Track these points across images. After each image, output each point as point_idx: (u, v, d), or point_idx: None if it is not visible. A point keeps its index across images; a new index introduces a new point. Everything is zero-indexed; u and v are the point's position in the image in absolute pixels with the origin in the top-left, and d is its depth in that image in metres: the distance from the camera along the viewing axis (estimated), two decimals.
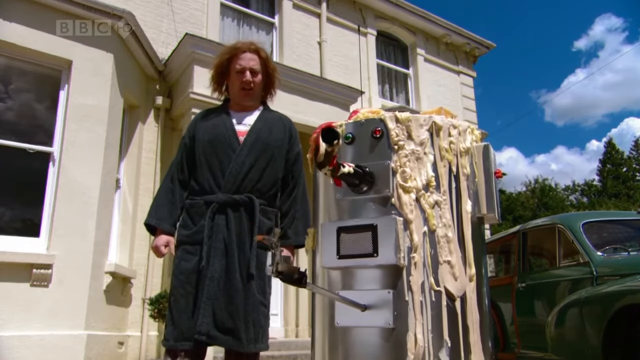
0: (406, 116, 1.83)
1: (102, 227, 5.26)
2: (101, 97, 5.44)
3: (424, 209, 1.74)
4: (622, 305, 3.08)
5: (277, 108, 6.92)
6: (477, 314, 1.75)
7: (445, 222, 1.76)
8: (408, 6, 10.16)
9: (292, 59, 8.34)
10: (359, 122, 1.91)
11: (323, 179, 1.96)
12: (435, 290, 1.69)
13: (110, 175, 5.55)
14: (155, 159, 6.70)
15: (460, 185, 1.84)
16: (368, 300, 1.68)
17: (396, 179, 1.76)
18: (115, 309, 5.57)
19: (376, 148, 1.82)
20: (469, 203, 1.83)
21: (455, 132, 1.88)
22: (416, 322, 1.64)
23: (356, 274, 1.76)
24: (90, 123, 5.29)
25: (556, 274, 4.11)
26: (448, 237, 1.76)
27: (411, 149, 1.79)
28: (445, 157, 1.83)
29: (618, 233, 4.27)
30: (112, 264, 5.46)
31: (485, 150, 1.92)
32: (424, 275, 1.69)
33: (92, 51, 5.44)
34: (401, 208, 1.73)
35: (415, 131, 1.82)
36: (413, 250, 1.69)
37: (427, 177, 1.78)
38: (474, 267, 1.78)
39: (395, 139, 1.80)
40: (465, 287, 1.74)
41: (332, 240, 1.76)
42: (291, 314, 7.34)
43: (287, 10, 8.74)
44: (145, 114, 6.76)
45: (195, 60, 6.45)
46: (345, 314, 1.73)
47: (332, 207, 1.89)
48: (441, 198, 1.78)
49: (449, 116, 1.93)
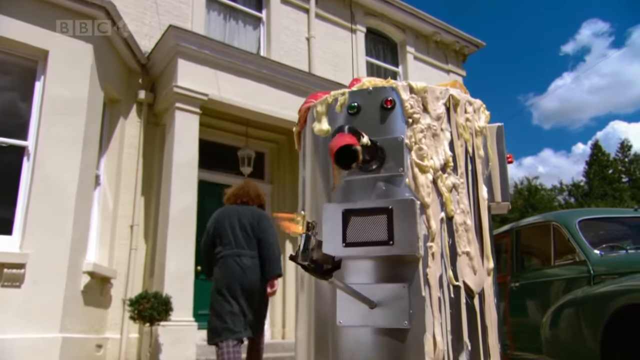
0: (422, 86, 1.62)
1: (79, 224, 5.03)
2: (80, 89, 5.21)
3: (441, 192, 1.53)
4: (621, 304, 2.96)
5: (266, 103, 6.80)
6: (495, 313, 1.57)
7: (463, 208, 1.56)
8: (397, 3, 10.05)
9: (280, 55, 8.16)
10: (365, 91, 1.66)
11: (311, 157, 1.73)
12: (454, 285, 1.49)
13: (89, 170, 5.33)
14: (137, 155, 6.48)
15: (477, 168, 1.65)
16: (378, 295, 1.46)
17: (411, 157, 1.54)
18: (94, 310, 5.35)
19: (387, 121, 1.59)
20: (484, 188, 1.65)
21: (471, 109, 1.69)
22: (434, 321, 1.43)
23: (364, 265, 1.53)
24: (68, 116, 5.06)
25: (551, 273, 3.99)
26: (467, 225, 1.56)
27: (427, 124, 1.58)
28: (462, 135, 1.63)
29: (615, 231, 4.16)
30: (90, 263, 5.24)
31: (499, 132, 1.74)
32: (442, 268, 1.48)
33: (70, 41, 5.21)
34: (417, 190, 1.51)
35: (431, 104, 1.60)
36: (430, 239, 1.48)
37: (445, 157, 1.57)
38: (492, 260, 1.60)
39: (410, 111, 1.57)
40: (483, 282, 1.56)
41: (337, 225, 1.50)
42: (277, 315, 7.17)
43: (275, 5, 8.57)
44: (127, 108, 6.54)
45: (180, 53, 6.25)
46: (349, 312, 1.50)
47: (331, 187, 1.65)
48: (459, 181, 1.57)
49: (464, 92, 1.74)
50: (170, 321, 5.31)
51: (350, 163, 1.33)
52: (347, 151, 1.32)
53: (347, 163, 1.34)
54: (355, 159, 1.33)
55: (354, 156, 1.33)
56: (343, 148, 1.32)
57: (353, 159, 1.33)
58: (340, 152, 1.32)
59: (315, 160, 1.72)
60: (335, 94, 1.70)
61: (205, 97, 6.30)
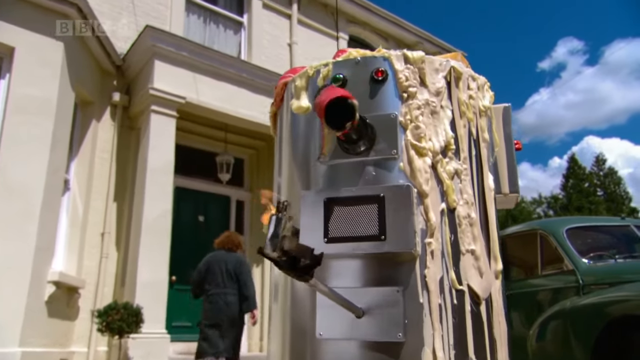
0: (419, 55, 1.38)
1: (45, 231, 4.75)
2: (48, 88, 4.95)
3: (442, 179, 1.30)
4: (614, 316, 2.84)
5: (245, 108, 6.61)
6: (505, 323, 1.35)
7: (467, 198, 1.33)
8: (380, 12, 10.01)
9: (261, 60, 8.00)
10: (353, 61, 1.42)
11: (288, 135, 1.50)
12: (457, 290, 1.25)
13: (57, 174, 5.06)
14: (110, 159, 6.21)
15: (481, 153, 1.42)
16: (366, 302, 1.21)
17: (406, 137, 1.31)
18: (59, 322, 5.04)
19: (377, 95, 1.35)
20: (490, 177, 1.42)
21: (474, 85, 1.45)
22: (434, 333, 1.20)
23: (350, 264, 1.28)
24: (34, 116, 4.80)
25: (538, 283, 3.86)
26: (471, 219, 1.31)
27: (425, 99, 1.34)
28: (465, 113, 1.39)
29: (602, 239, 4.06)
30: (56, 273, 4.94)
31: (506, 113, 1.53)
32: (443, 269, 1.25)
33: (39, 38, 4.96)
34: (413, 176, 1.27)
35: (430, 76, 1.37)
36: (429, 234, 1.25)
37: (446, 138, 1.33)
38: (500, 261, 1.37)
39: (405, 84, 1.34)
40: (491, 286, 1.33)
41: (317, 217, 1.26)
42: (255, 326, 6.91)
43: (256, 9, 8.42)
44: (100, 110, 6.27)
45: (156, 54, 6.04)
46: (331, 322, 1.24)
47: (312, 172, 1.39)
48: (461, 167, 1.34)
49: (466, 65, 1.51)
50: (141, 333, 5.04)
51: (345, 122, 1.08)
52: (341, 106, 1.07)
53: (341, 121, 1.08)
54: (352, 116, 1.07)
55: (349, 112, 1.07)
56: (335, 102, 1.06)
57: (349, 115, 1.07)
58: (331, 106, 1.06)
59: (293, 144, 1.49)
60: (317, 66, 1.47)
61: (182, 100, 6.09)
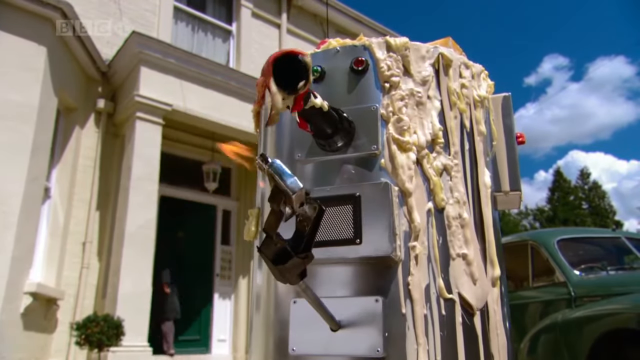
0: (403, 42, 1.27)
1: (22, 241, 4.59)
2: (29, 93, 4.82)
3: (429, 176, 1.19)
4: (606, 329, 2.78)
5: (233, 117, 6.52)
6: (505, 337, 1.22)
7: (458, 197, 1.21)
8: (369, 22, 10.04)
9: (250, 69, 7.92)
10: (332, 51, 1.32)
11: (272, 134, 1.39)
12: (445, 299, 1.13)
13: (36, 182, 4.91)
14: (93, 167, 6.07)
15: (476, 147, 1.29)
16: (342, 313, 1.08)
17: (388, 131, 1.20)
18: (35, 335, 4.86)
19: (357, 87, 1.26)
20: (487, 173, 1.29)
21: (467, 74, 1.33)
22: (419, 347, 1.07)
23: (322, 271, 1.16)
24: (14, 122, 4.66)
25: (528, 295, 3.80)
26: (463, 220, 1.19)
27: (409, 89, 1.24)
28: (456, 104, 1.27)
29: (593, 251, 4.02)
30: (33, 284, 4.77)
31: (506, 103, 1.41)
32: (430, 276, 1.13)
33: (21, 42, 4.84)
34: (395, 173, 1.17)
35: (415, 65, 1.27)
36: (413, 237, 1.13)
37: (433, 131, 1.22)
38: (497, 267, 1.24)
39: (387, 74, 1.24)
40: (487, 295, 1.20)
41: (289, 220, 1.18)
42: (240, 339, 6.76)
43: (245, 18, 8.37)
44: (84, 117, 6.14)
45: (143, 61, 5.94)
46: (305, 336, 1.12)
47: (297, 172, 1.25)
48: (452, 162, 1.22)
49: (459, 52, 1.40)
50: (122, 346, 4.87)
51: (297, 82, 0.89)
52: (292, 63, 0.88)
53: (292, 82, 0.89)
54: (305, 76, 0.89)
55: (302, 71, 0.89)
56: (284, 57, 0.88)
57: (302, 75, 0.89)
58: (279, 63, 0.87)
59: (277, 143, 1.38)
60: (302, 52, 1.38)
61: (168, 108, 5.98)
